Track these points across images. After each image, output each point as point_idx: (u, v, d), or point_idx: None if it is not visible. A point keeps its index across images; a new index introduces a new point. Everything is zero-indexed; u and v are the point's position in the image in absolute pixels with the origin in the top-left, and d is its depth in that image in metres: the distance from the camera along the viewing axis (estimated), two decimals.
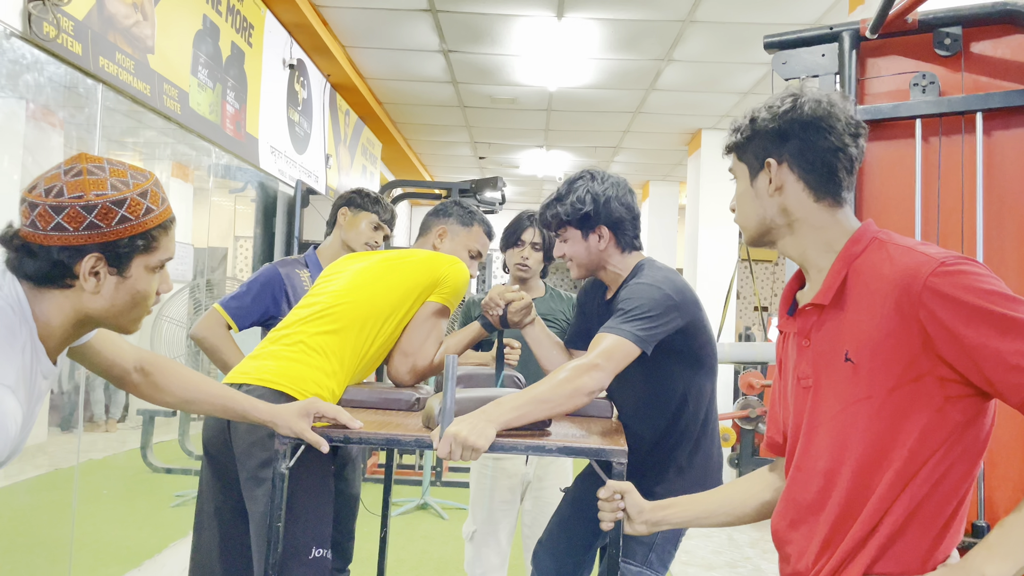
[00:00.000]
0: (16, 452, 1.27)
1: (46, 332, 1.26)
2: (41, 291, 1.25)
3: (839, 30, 2.21)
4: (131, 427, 4.33)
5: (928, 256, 1.16)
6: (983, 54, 2.10)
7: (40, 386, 1.28)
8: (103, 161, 1.27)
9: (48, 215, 1.21)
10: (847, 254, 1.26)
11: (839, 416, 1.23)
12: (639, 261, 2.09)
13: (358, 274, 2.15)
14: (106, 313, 1.29)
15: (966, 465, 1.17)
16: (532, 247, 2.78)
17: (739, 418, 5.91)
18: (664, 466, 2.04)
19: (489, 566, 2.76)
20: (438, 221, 2.38)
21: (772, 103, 1.33)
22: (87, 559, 3.30)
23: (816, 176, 1.29)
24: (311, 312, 2.07)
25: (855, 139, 1.30)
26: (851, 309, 1.24)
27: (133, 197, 1.26)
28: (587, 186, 2.06)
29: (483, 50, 5.61)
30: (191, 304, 3.99)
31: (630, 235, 2.09)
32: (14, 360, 1.18)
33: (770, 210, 1.33)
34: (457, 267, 2.16)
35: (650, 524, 1.54)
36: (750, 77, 5.97)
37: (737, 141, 1.37)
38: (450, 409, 1.63)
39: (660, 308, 1.87)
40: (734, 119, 1.40)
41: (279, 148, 4.95)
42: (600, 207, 2.04)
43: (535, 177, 10.20)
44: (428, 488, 5.55)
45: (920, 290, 1.14)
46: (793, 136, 1.29)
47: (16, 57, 2.55)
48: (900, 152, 2.16)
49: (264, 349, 2.05)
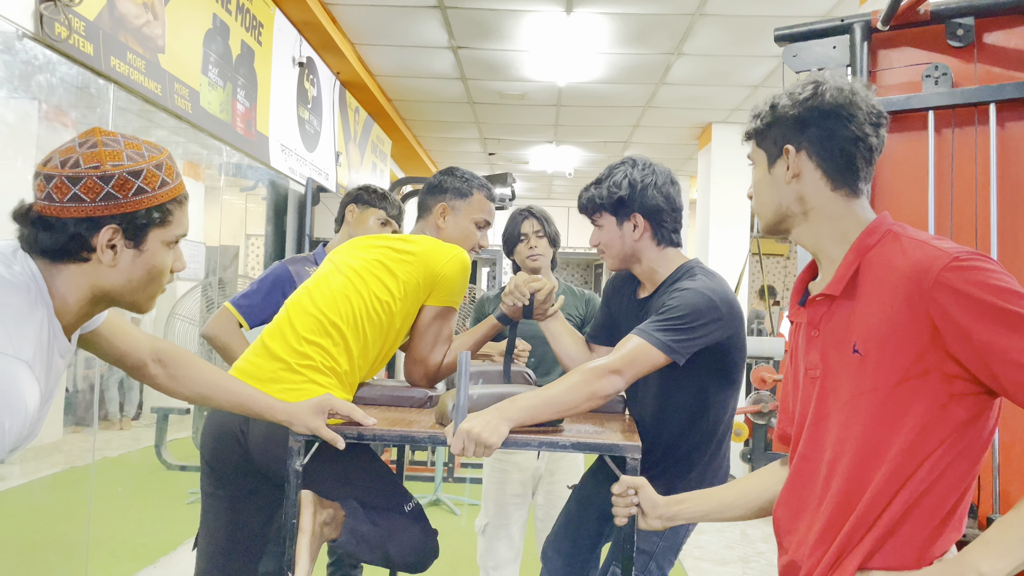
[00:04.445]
0: (34, 433, 1.26)
1: (62, 309, 1.25)
2: (57, 267, 1.24)
3: (850, 22, 2.20)
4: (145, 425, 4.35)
5: (941, 251, 1.15)
6: (996, 45, 2.08)
7: (57, 365, 1.27)
8: (117, 135, 1.27)
9: (64, 186, 1.20)
10: (860, 245, 1.26)
11: (844, 408, 1.23)
12: (686, 262, 2.01)
13: (354, 275, 2.03)
14: (122, 288, 1.28)
15: (967, 462, 1.17)
16: (536, 235, 2.75)
17: (751, 413, 5.90)
18: (677, 471, 2.01)
19: (501, 559, 2.77)
20: (436, 199, 2.21)
21: (793, 90, 1.31)
22: (103, 556, 3.32)
23: (834, 165, 1.28)
24: (309, 322, 1.95)
25: (876, 129, 1.28)
26: (861, 301, 1.23)
27: (149, 168, 1.25)
28: (626, 171, 1.99)
29: (492, 46, 5.60)
30: (204, 302, 4.01)
31: (668, 228, 2.01)
32: (31, 336, 1.18)
33: (787, 197, 1.32)
34: (453, 263, 2.04)
35: (664, 519, 1.53)
36: (760, 70, 5.94)
37: (757, 127, 1.36)
38: (463, 406, 1.63)
39: (704, 319, 1.80)
40: (754, 106, 1.38)
41: (289, 146, 4.96)
42: (636, 193, 1.96)
43: (545, 173, 10.18)
44: (440, 484, 5.57)
45: (932, 284, 1.13)
46: (813, 124, 1.28)
47: (28, 58, 2.56)
48: (912, 144, 2.15)
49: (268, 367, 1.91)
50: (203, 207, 4.72)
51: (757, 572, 4.53)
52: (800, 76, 2.25)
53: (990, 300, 1.10)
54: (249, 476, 1.96)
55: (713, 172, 7.47)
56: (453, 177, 2.22)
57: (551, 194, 11.80)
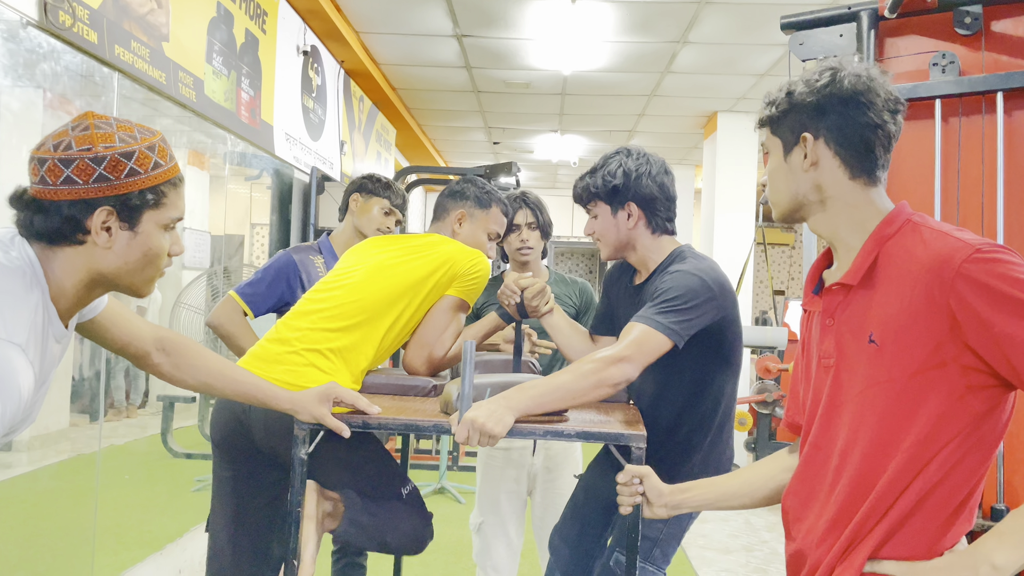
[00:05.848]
0: (30, 419, 1.26)
1: (58, 293, 1.26)
2: (53, 250, 1.25)
3: (857, 9, 2.18)
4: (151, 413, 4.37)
5: (963, 242, 1.14)
6: (1004, 33, 2.07)
7: (53, 350, 1.27)
8: (110, 118, 1.27)
9: (57, 169, 1.21)
10: (879, 235, 1.24)
11: (859, 397, 1.22)
12: (677, 248, 2.02)
13: (376, 267, 2.12)
14: (119, 271, 1.29)
15: (980, 455, 1.16)
16: (528, 227, 2.72)
17: (756, 402, 5.90)
18: (678, 455, 2.02)
19: (499, 558, 2.74)
20: (456, 204, 2.31)
21: (810, 77, 1.29)
22: (110, 543, 3.34)
23: (853, 152, 1.26)
24: (326, 307, 2.04)
25: (894, 115, 1.27)
26: (880, 290, 1.22)
27: (141, 150, 1.26)
28: (620, 160, 2.00)
29: (497, 34, 5.58)
30: (209, 291, 4.01)
31: (662, 216, 2.02)
32: (25, 320, 1.18)
33: (803, 186, 1.30)
34: (478, 262, 2.12)
35: (670, 507, 1.53)
36: (767, 59, 5.91)
37: (772, 114, 1.34)
38: (468, 394, 1.63)
39: (698, 299, 1.81)
40: (768, 92, 1.36)
41: (294, 135, 4.96)
42: (631, 182, 1.98)
43: (549, 162, 10.16)
44: (445, 472, 5.59)
45: (953, 276, 1.12)
46: (831, 111, 1.26)
47: (33, 46, 2.56)
48: (919, 133, 2.14)
49: (276, 351, 2.00)
50: (208, 196, 4.72)
51: (761, 560, 4.54)
52: (808, 64, 2.24)
53: (1012, 292, 1.09)
54: (253, 457, 2.01)
55: (719, 161, 7.44)
56: (475, 187, 2.32)
57: (555, 183, 11.78)
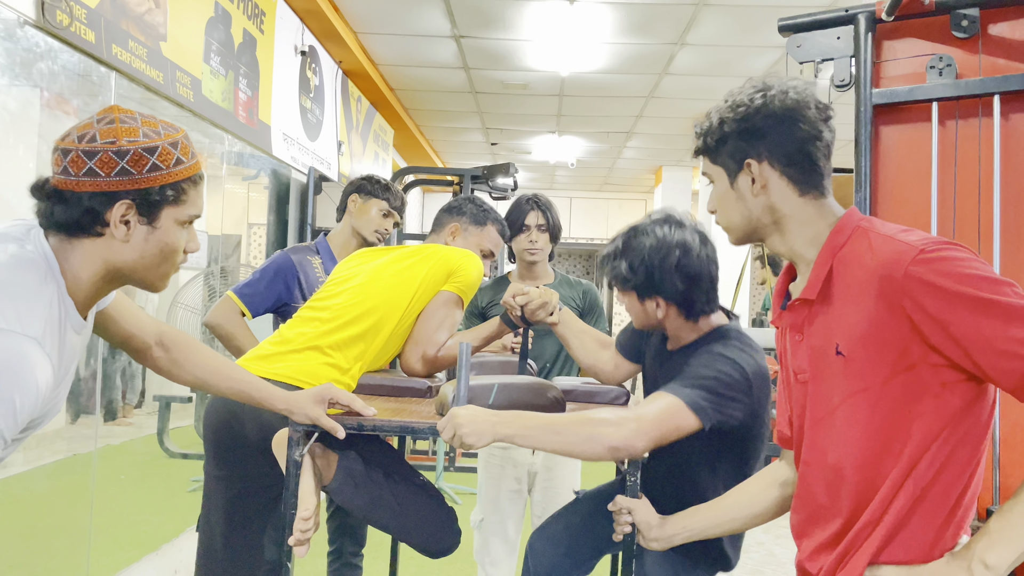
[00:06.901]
0: (54, 411, 1.28)
1: (75, 286, 1.27)
2: (71, 242, 1.26)
3: (854, 12, 2.18)
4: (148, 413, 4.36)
5: (908, 244, 1.14)
6: (1001, 36, 2.07)
7: (72, 341, 1.28)
8: (135, 113, 1.29)
9: (80, 160, 1.22)
10: (831, 245, 1.24)
11: (839, 410, 1.22)
12: (723, 326, 1.81)
13: (375, 274, 2.14)
14: (135, 265, 1.30)
15: (968, 450, 1.16)
16: (538, 229, 2.72)
17: None
18: None
19: (498, 555, 2.76)
20: (451, 218, 2.35)
21: (736, 101, 1.29)
22: (106, 543, 3.34)
23: (798, 169, 1.27)
24: (329, 316, 2.06)
25: (826, 123, 1.28)
26: (838, 302, 1.22)
27: (164, 146, 1.27)
28: (643, 250, 1.74)
29: (495, 35, 5.58)
30: (206, 291, 4.01)
31: (699, 305, 1.77)
32: (40, 313, 1.19)
33: (755, 209, 1.31)
34: (471, 260, 2.15)
35: (662, 541, 1.55)
36: (764, 61, 5.92)
37: (708, 144, 1.34)
38: (463, 396, 1.63)
39: (732, 390, 1.62)
40: (697, 122, 1.36)
41: (291, 135, 4.95)
42: (655, 282, 1.73)
43: (547, 163, 10.16)
44: (441, 473, 5.58)
45: (902, 279, 1.12)
46: (769, 131, 1.27)
47: (30, 45, 2.56)
48: (916, 136, 2.14)
49: (277, 349, 2.03)
50: (205, 196, 4.72)
51: (757, 562, 4.54)
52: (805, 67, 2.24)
53: (961, 290, 1.08)
54: (246, 456, 1.99)
55: None
56: (473, 204, 2.37)
57: (553, 184, 11.78)
